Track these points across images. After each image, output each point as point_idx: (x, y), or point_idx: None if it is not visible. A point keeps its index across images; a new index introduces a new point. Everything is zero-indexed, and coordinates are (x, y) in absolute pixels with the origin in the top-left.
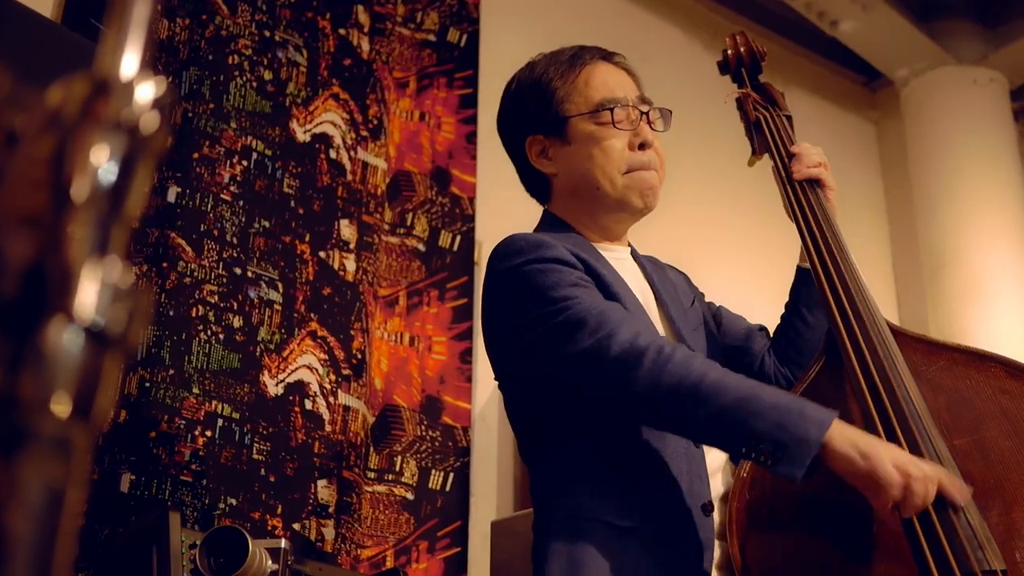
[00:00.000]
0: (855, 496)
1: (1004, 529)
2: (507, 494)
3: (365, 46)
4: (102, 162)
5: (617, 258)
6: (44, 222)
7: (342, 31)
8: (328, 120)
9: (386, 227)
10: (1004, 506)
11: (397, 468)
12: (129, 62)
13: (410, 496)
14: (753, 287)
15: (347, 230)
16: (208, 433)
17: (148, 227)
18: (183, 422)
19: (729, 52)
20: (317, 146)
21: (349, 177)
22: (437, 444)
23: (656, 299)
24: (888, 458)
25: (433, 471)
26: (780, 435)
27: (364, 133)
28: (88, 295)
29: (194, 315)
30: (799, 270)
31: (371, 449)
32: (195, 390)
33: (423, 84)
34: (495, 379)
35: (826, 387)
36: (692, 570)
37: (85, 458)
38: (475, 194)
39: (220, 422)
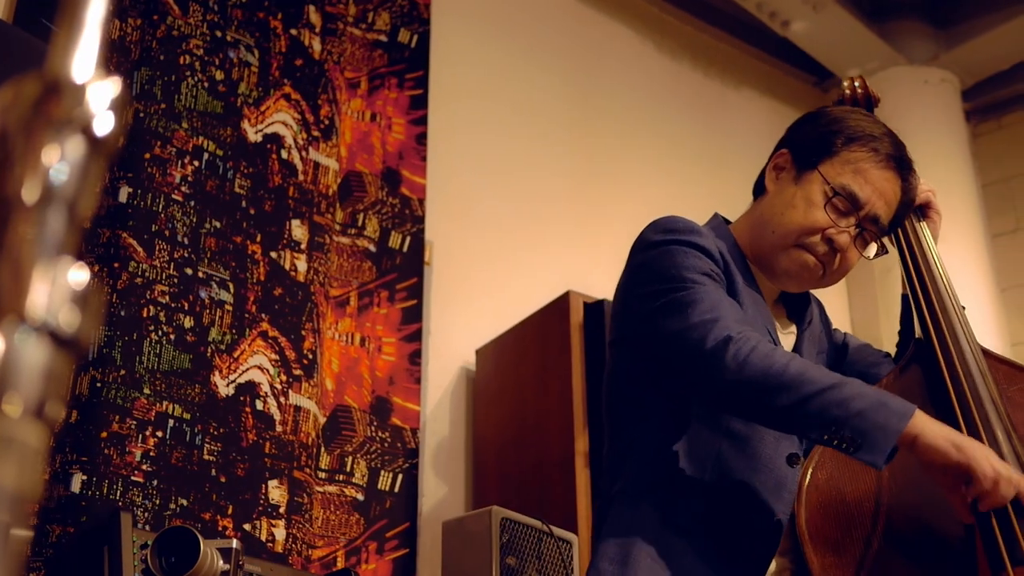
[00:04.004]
0: (928, 494)
1: None
2: (458, 495)
3: (317, 46)
4: (53, 162)
5: (764, 282)
6: None
7: (293, 31)
8: (279, 120)
9: (337, 227)
10: None
11: (348, 468)
12: (80, 62)
13: (360, 497)
14: None
15: (298, 230)
16: (159, 434)
17: (99, 227)
18: (134, 422)
19: (847, 92)
20: (268, 146)
21: (300, 177)
22: (387, 445)
23: (797, 334)
24: (982, 453)
25: (382, 472)
26: (861, 423)
27: (315, 133)
28: (39, 295)
29: (145, 315)
30: (905, 298)
31: (322, 449)
32: (146, 390)
33: (374, 84)
34: (608, 344)
35: (907, 389)
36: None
37: (38, 458)
38: (425, 195)
39: (171, 422)
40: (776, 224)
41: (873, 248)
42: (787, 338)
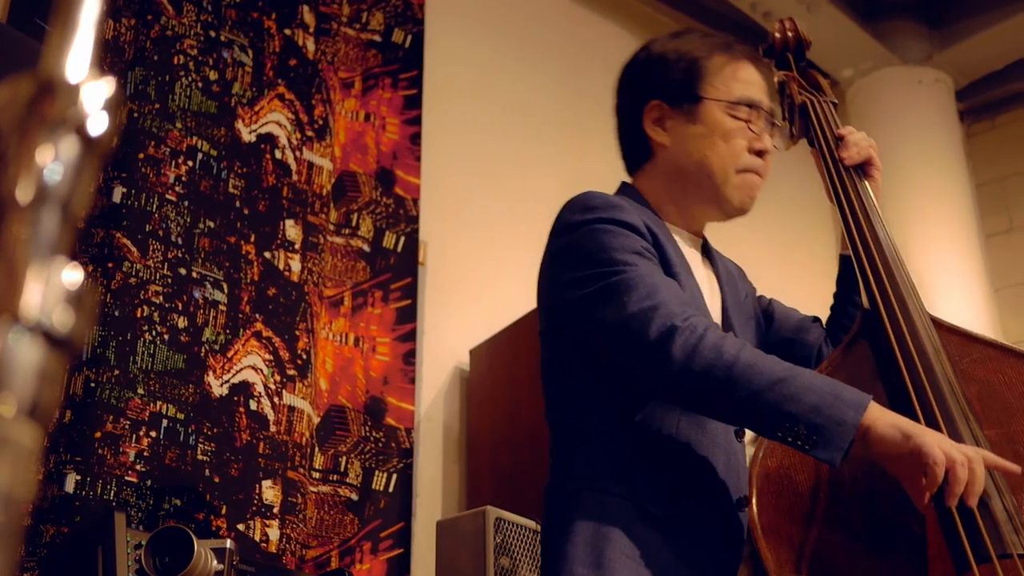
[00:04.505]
0: (882, 484)
1: None
2: (452, 495)
3: (310, 46)
4: (47, 162)
5: (687, 243)
6: None
7: (287, 31)
8: (273, 120)
9: (331, 227)
10: None
11: (342, 469)
12: (74, 62)
13: (354, 497)
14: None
15: (292, 230)
16: (153, 434)
17: (93, 227)
18: (128, 422)
19: (776, 35)
20: (262, 146)
21: (294, 177)
22: (381, 445)
23: (719, 287)
24: (932, 439)
25: (377, 472)
26: (816, 418)
27: (309, 133)
28: (33, 295)
29: (139, 315)
30: (843, 258)
31: (316, 449)
32: (140, 390)
33: (368, 84)
34: (539, 333)
35: (855, 367)
36: (718, 565)
37: (32, 458)
38: (419, 195)
39: (165, 423)
40: (708, 166)
41: (779, 141)
42: (715, 297)
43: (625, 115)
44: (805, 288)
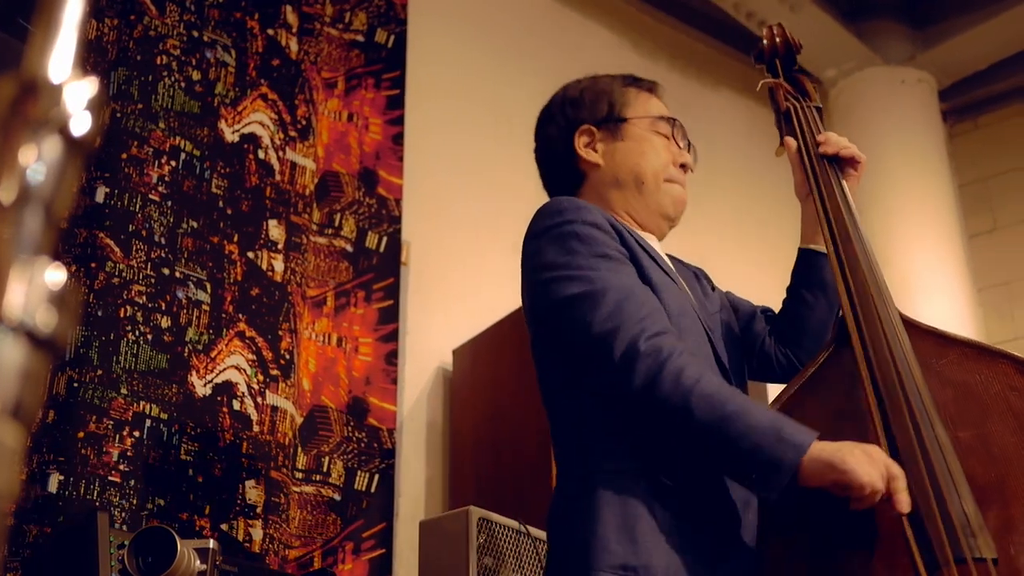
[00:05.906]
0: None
1: (1001, 524)
2: (435, 495)
3: (293, 46)
4: (30, 162)
5: (651, 239)
6: None
7: (270, 31)
8: (256, 120)
9: (314, 228)
10: (1003, 502)
11: (325, 469)
12: (57, 62)
13: (337, 497)
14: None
15: (275, 230)
16: (136, 434)
17: (76, 227)
18: (111, 422)
19: (765, 42)
20: (245, 146)
21: (277, 177)
22: (363, 445)
23: (687, 285)
24: (856, 465)
25: (359, 472)
26: (756, 457)
27: (292, 133)
28: (16, 295)
29: (122, 315)
30: (801, 251)
31: (299, 449)
32: (123, 390)
33: (351, 84)
34: (529, 332)
35: (835, 374)
36: (736, 532)
37: (15, 458)
38: (402, 195)
39: (148, 423)
40: (640, 173)
41: (693, 160)
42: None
43: (553, 146)
44: (769, 284)
